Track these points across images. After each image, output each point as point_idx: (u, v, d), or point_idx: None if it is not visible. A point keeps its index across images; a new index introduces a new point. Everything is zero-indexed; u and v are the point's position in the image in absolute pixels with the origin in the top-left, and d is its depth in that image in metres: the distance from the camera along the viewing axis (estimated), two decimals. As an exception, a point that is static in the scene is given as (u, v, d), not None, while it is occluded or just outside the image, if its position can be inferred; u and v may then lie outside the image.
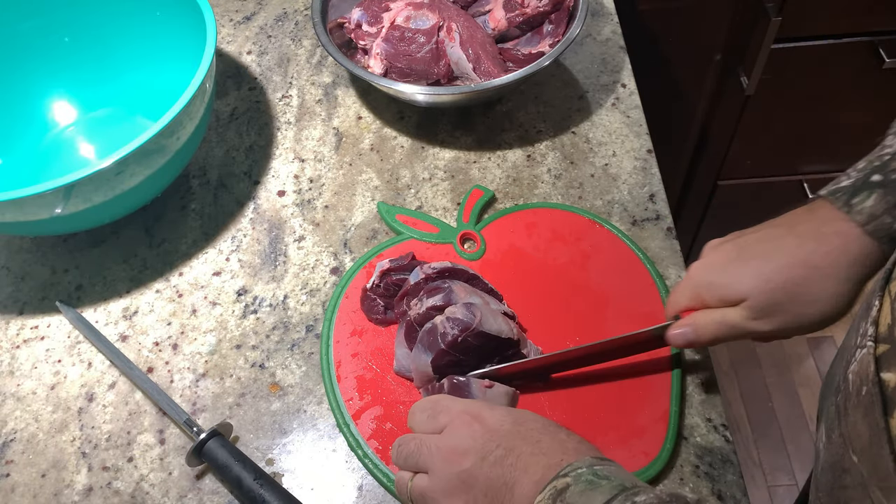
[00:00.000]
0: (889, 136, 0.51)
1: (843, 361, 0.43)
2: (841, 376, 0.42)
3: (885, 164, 0.49)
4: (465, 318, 0.56)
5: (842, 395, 0.41)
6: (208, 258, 0.72)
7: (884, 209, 0.48)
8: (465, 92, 0.73)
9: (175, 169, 0.70)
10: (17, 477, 0.60)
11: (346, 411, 0.60)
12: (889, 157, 0.49)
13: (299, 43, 0.90)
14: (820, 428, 0.47)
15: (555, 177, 0.76)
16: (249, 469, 0.56)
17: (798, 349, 1.68)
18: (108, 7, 0.79)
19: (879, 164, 0.49)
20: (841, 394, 0.41)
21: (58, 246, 0.74)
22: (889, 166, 0.49)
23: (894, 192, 0.48)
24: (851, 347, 0.41)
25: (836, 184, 0.51)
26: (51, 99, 0.82)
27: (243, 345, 0.66)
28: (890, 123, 0.52)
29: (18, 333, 0.68)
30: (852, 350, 0.41)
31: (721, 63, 1.19)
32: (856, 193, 0.49)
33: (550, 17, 0.80)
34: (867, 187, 0.49)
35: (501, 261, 0.69)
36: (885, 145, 0.50)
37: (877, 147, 0.51)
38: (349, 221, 0.73)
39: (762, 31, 1.08)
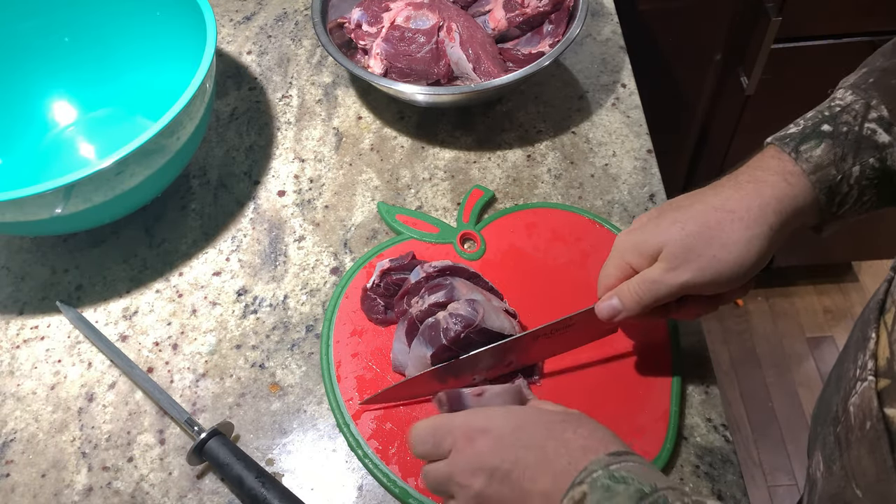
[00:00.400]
0: (839, 90, 0.51)
1: (839, 391, 0.43)
2: (840, 407, 0.42)
3: (835, 115, 0.50)
4: (468, 315, 0.56)
5: (842, 426, 0.41)
6: (208, 258, 0.72)
7: (829, 160, 0.48)
8: (465, 92, 0.73)
9: (175, 169, 0.70)
10: (17, 477, 0.60)
11: (346, 411, 0.60)
12: (839, 109, 0.50)
13: (299, 43, 0.90)
14: (815, 455, 0.46)
15: (555, 177, 0.76)
16: (251, 468, 0.56)
17: (798, 349, 1.68)
18: (108, 7, 0.79)
19: (829, 114, 0.50)
20: (841, 425, 0.41)
21: (58, 246, 0.74)
22: (839, 118, 0.49)
23: (842, 145, 0.48)
24: (849, 378, 0.41)
25: (785, 130, 0.52)
26: (51, 99, 0.82)
27: (243, 345, 0.66)
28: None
29: (18, 333, 0.68)
30: (851, 381, 0.40)
31: (721, 63, 1.19)
32: (804, 140, 0.50)
33: (550, 17, 0.80)
34: (816, 136, 0.49)
35: (501, 261, 0.69)
36: (836, 97, 0.51)
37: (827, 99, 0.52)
38: (349, 221, 0.73)
39: (762, 31, 1.08)
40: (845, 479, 0.40)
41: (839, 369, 0.46)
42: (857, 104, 0.49)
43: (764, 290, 1.77)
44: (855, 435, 0.39)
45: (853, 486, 0.39)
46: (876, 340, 0.39)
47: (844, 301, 1.74)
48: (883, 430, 0.36)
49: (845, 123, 0.49)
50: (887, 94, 0.49)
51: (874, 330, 0.39)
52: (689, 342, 0.63)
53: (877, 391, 0.37)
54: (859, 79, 0.51)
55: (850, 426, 0.40)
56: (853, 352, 0.43)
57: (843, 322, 1.71)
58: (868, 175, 0.48)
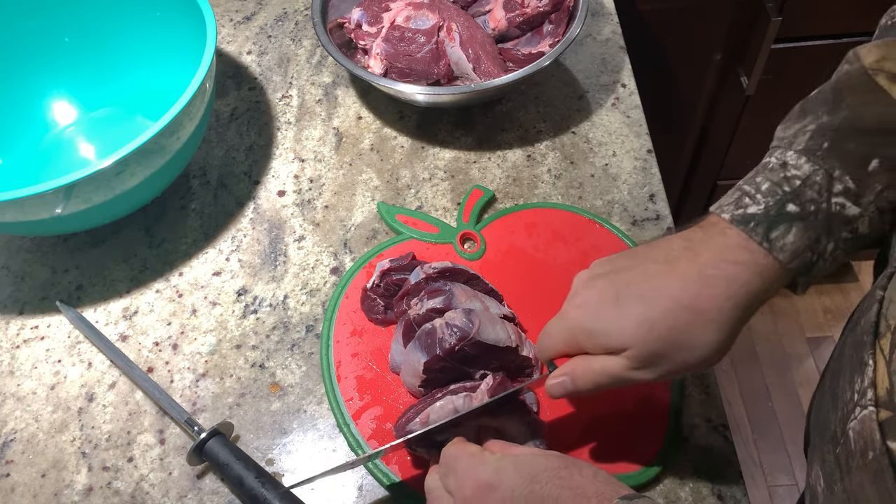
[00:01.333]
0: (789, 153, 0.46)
1: (836, 411, 0.42)
2: (839, 428, 0.41)
3: (797, 191, 0.44)
4: (463, 326, 0.56)
5: (842, 449, 0.40)
6: (208, 258, 0.72)
7: (805, 245, 0.44)
8: (465, 92, 0.73)
9: (175, 169, 0.70)
10: (17, 477, 0.60)
11: (346, 411, 0.60)
12: (800, 183, 0.45)
13: (299, 43, 0.90)
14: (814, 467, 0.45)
15: (555, 177, 0.76)
16: (251, 468, 0.56)
17: (798, 349, 1.68)
18: (108, 7, 0.79)
19: (790, 190, 0.45)
20: (841, 448, 0.40)
21: (58, 246, 0.74)
22: (803, 195, 0.44)
23: (813, 227, 0.44)
24: (847, 401, 0.40)
25: (742, 208, 0.46)
26: (51, 99, 0.82)
27: (243, 345, 0.66)
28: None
29: (18, 333, 0.68)
30: (849, 404, 0.40)
31: (721, 63, 1.19)
32: (773, 226, 0.44)
33: (550, 17, 0.80)
34: (785, 219, 0.44)
35: (501, 261, 0.69)
36: (789, 163, 0.45)
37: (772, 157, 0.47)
38: (349, 221, 0.73)
39: (762, 31, 1.08)
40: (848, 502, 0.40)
41: (834, 384, 0.45)
42: (817, 175, 0.44)
43: (764, 290, 1.76)
44: (856, 462, 0.39)
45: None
46: (874, 367, 0.38)
47: (844, 301, 1.74)
48: (888, 464, 0.35)
49: (811, 201, 0.44)
50: (848, 162, 0.44)
51: (871, 356, 0.38)
52: (689, 342, 0.63)
53: (878, 422, 0.36)
54: (811, 143, 0.45)
55: (850, 451, 0.39)
56: (848, 373, 0.42)
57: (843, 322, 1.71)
58: (841, 246, 0.45)
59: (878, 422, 0.36)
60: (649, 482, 0.56)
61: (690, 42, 1.17)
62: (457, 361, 0.57)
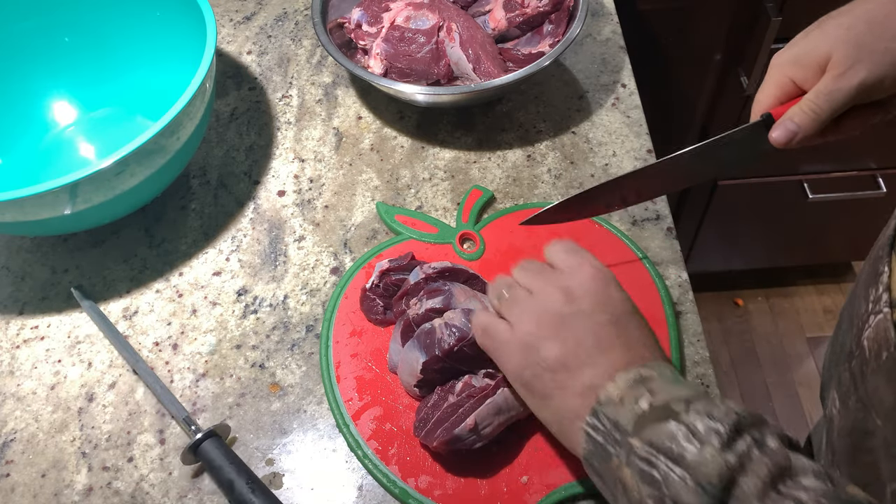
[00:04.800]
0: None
1: (853, 328, 0.44)
2: (853, 343, 0.43)
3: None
4: (462, 326, 0.56)
5: (857, 361, 0.42)
6: (208, 258, 0.72)
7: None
8: (465, 92, 0.73)
9: (175, 169, 0.70)
10: (17, 477, 0.60)
11: (346, 412, 0.60)
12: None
13: (299, 43, 0.90)
14: (830, 394, 0.47)
15: (555, 177, 0.76)
16: (242, 473, 0.56)
17: (798, 349, 1.68)
18: (108, 7, 0.79)
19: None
20: (856, 360, 0.42)
21: (58, 246, 0.74)
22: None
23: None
24: (862, 314, 0.42)
25: None
26: (51, 99, 0.82)
27: (243, 345, 0.66)
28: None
29: (18, 333, 0.68)
30: (863, 316, 0.41)
31: (721, 63, 1.19)
32: None
33: (550, 17, 0.80)
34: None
35: (501, 261, 0.69)
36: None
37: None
38: (349, 221, 0.73)
39: (762, 31, 1.08)
40: (863, 410, 0.41)
41: (850, 309, 0.47)
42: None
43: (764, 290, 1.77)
44: (871, 367, 0.40)
45: (873, 415, 0.41)
46: (889, 273, 0.39)
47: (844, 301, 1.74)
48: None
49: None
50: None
51: (886, 263, 0.40)
52: (689, 342, 0.63)
53: (893, 322, 0.38)
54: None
55: (865, 359, 0.41)
56: (864, 288, 0.43)
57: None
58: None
59: (892, 321, 0.38)
60: (649, 482, 0.56)
61: (690, 42, 1.17)
62: (455, 362, 0.57)
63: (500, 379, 0.56)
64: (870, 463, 0.42)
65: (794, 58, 0.51)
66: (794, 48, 0.52)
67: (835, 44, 0.49)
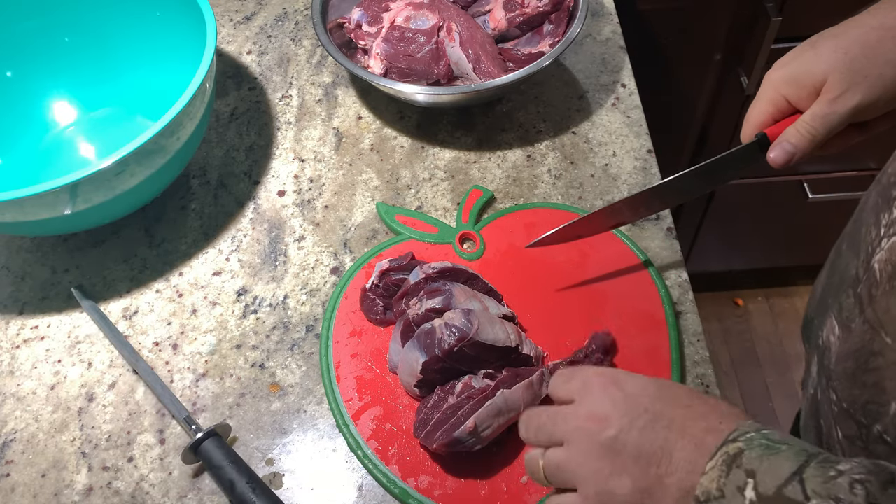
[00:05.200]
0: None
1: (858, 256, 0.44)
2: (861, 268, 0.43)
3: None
4: (462, 327, 0.56)
5: (864, 285, 0.42)
6: (208, 258, 0.72)
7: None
8: (465, 92, 0.73)
9: (175, 169, 0.70)
10: (17, 477, 0.60)
11: (346, 412, 0.60)
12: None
13: (299, 43, 0.90)
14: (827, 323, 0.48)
15: (555, 177, 0.76)
16: (243, 472, 0.56)
17: (798, 349, 1.68)
18: (108, 7, 0.79)
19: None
20: (863, 284, 0.42)
21: (58, 246, 0.74)
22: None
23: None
24: (872, 240, 0.43)
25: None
26: (51, 99, 0.82)
27: (243, 345, 0.66)
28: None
29: (18, 333, 0.68)
30: (874, 241, 0.42)
31: (721, 63, 1.19)
32: None
33: (550, 17, 0.80)
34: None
35: (501, 261, 0.69)
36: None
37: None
38: (349, 221, 0.73)
39: (762, 31, 1.08)
40: (871, 331, 0.41)
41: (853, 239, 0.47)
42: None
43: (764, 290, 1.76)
44: (882, 289, 0.40)
45: (881, 335, 0.40)
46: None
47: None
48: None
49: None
50: None
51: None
52: (689, 342, 0.63)
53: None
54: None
55: (874, 282, 0.41)
56: (872, 215, 0.44)
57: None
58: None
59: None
60: (649, 482, 0.56)
61: (690, 42, 1.17)
62: (455, 362, 0.57)
63: (499, 380, 0.56)
64: (874, 383, 0.41)
65: (789, 77, 0.53)
66: (788, 67, 0.53)
67: (831, 67, 0.50)
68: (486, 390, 0.56)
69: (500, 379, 0.57)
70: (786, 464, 0.36)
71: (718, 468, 0.38)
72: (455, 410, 0.55)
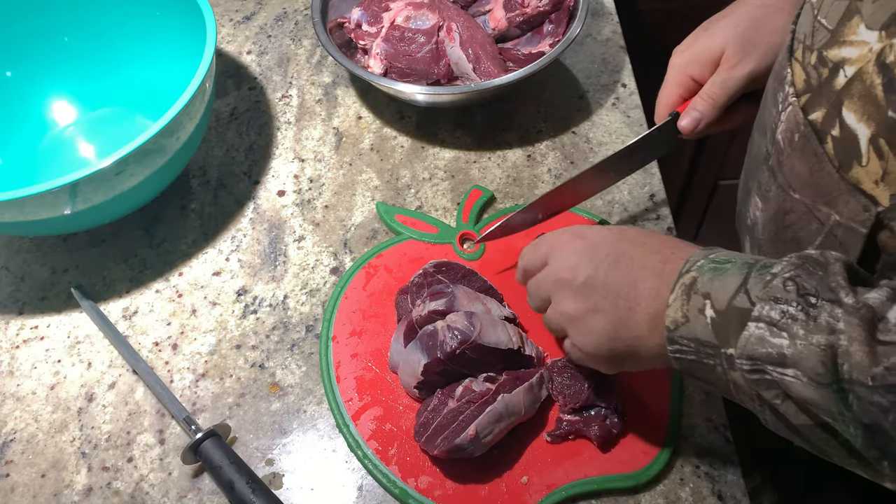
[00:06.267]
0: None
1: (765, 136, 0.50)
2: (768, 145, 0.49)
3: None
4: (465, 329, 0.56)
5: (773, 157, 0.48)
6: (208, 258, 0.72)
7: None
8: (465, 92, 0.73)
9: (175, 169, 0.70)
10: (17, 477, 0.60)
11: (346, 412, 0.60)
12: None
13: (299, 43, 0.90)
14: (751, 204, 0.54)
15: (555, 177, 0.76)
16: (243, 473, 0.56)
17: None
18: (108, 7, 0.79)
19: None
20: (773, 157, 0.48)
21: (58, 246, 0.74)
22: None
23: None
24: (773, 117, 0.48)
25: None
26: (50, 99, 0.82)
27: (243, 345, 0.66)
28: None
29: (18, 333, 0.68)
30: (775, 118, 0.48)
31: (721, 63, 1.19)
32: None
33: (550, 17, 0.80)
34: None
35: (501, 261, 0.69)
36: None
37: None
38: (349, 221, 0.73)
39: (762, 30, 1.08)
40: (782, 193, 0.48)
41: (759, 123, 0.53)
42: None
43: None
44: (785, 153, 0.46)
45: (791, 192, 0.47)
46: (792, 72, 0.46)
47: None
48: (810, 131, 0.43)
49: None
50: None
51: (787, 68, 0.46)
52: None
53: (800, 107, 0.44)
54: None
55: (780, 150, 0.47)
56: (771, 97, 0.49)
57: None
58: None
59: (800, 106, 0.44)
60: (649, 482, 0.56)
61: (690, 42, 1.17)
62: (457, 365, 0.57)
63: (499, 384, 0.56)
64: (791, 237, 0.48)
65: (691, 57, 0.60)
66: (689, 50, 0.61)
67: (726, 40, 0.58)
68: (487, 394, 0.56)
69: (501, 383, 0.56)
70: (732, 279, 0.41)
71: (679, 298, 0.43)
72: (456, 415, 0.55)
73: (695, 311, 0.42)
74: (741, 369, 0.40)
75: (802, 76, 0.45)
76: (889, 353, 0.35)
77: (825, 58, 0.43)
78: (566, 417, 0.58)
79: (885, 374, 0.34)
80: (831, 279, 0.38)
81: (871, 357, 0.35)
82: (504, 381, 0.57)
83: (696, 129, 0.60)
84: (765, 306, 0.39)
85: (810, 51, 0.44)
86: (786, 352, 0.37)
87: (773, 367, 0.38)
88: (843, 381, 0.36)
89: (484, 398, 0.55)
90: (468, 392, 0.56)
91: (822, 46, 0.43)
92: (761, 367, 0.39)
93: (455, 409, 0.55)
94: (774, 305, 0.38)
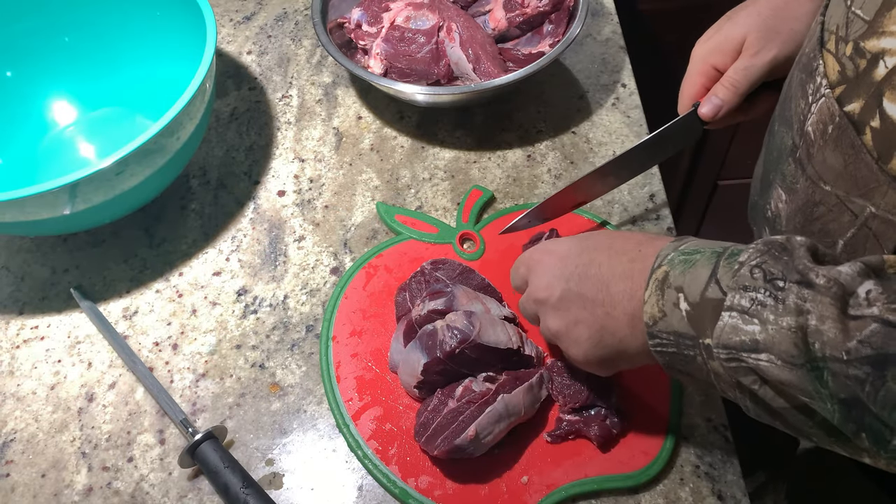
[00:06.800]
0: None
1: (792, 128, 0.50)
2: (797, 136, 0.49)
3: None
4: (464, 329, 0.56)
5: (802, 149, 0.48)
6: (208, 258, 0.72)
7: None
8: (465, 92, 0.73)
9: (175, 169, 0.70)
10: (17, 477, 0.60)
11: (346, 412, 0.60)
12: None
13: (299, 43, 0.90)
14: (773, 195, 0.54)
15: (555, 177, 0.76)
16: (238, 476, 0.56)
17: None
18: (108, 7, 0.79)
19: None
20: (801, 149, 0.48)
21: (58, 246, 0.74)
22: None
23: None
24: (802, 109, 0.49)
25: None
26: (51, 99, 0.82)
27: (243, 345, 0.66)
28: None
29: (18, 333, 0.68)
30: (803, 111, 0.48)
31: (721, 63, 1.19)
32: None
33: (550, 17, 0.80)
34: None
35: (500, 260, 0.69)
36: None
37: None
38: (349, 221, 0.73)
39: (762, 30, 1.08)
40: (811, 186, 0.47)
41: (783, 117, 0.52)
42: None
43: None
44: (817, 145, 0.46)
45: (821, 185, 0.46)
46: (823, 64, 0.45)
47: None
48: (847, 123, 0.42)
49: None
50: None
51: (818, 60, 0.46)
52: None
53: (835, 98, 0.44)
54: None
55: (810, 142, 0.47)
56: (798, 89, 0.49)
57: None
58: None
59: (834, 98, 0.44)
60: (649, 482, 0.56)
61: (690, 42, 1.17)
62: (456, 364, 0.57)
63: (499, 384, 0.56)
64: (819, 229, 0.48)
65: (714, 47, 0.60)
66: (712, 39, 0.61)
67: (748, 28, 0.58)
68: (487, 394, 0.56)
69: (501, 383, 0.57)
70: (703, 270, 0.42)
71: (654, 294, 0.44)
72: (456, 416, 0.55)
73: (670, 305, 0.43)
74: (719, 358, 0.40)
75: (836, 67, 0.44)
76: (861, 326, 0.35)
77: (862, 48, 0.42)
78: (566, 417, 0.58)
79: (859, 347, 0.35)
80: (797, 262, 0.39)
81: (843, 333, 0.35)
82: (504, 382, 0.57)
83: (717, 116, 0.60)
84: (735, 295, 0.39)
85: (844, 42, 0.43)
86: (758, 338, 0.38)
87: (748, 353, 0.39)
88: (816, 360, 0.36)
89: (484, 398, 0.55)
90: (468, 392, 0.56)
91: (859, 37, 0.42)
92: (737, 356, 0.39)
93: (455, 409, 0.55)
94: (744, 294, 0.39)
